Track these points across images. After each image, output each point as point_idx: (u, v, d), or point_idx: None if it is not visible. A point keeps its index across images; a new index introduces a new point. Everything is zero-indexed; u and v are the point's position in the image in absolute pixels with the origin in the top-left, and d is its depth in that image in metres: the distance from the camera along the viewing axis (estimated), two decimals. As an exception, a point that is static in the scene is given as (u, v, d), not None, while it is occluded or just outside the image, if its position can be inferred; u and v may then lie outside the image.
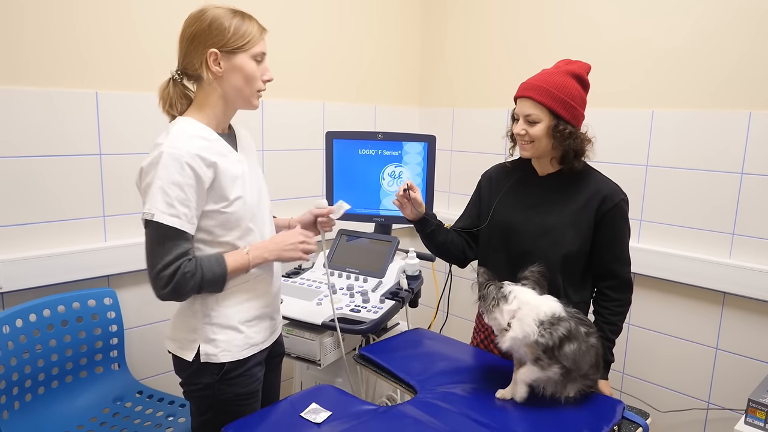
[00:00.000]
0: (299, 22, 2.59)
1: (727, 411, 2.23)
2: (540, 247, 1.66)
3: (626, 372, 2.52)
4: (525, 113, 1.63)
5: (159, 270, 1.30)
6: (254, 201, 1.47)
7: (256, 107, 1.47)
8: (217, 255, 1.39)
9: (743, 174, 2.10)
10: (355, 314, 1.93)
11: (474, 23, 2.94)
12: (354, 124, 2.88)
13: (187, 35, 1.37)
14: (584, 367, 1.43)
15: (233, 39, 1.35)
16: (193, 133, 1.35)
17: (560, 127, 1.60)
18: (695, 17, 2.17)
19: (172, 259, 1.30)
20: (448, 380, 1.58)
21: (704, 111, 2.18)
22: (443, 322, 2.61)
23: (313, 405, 1.43)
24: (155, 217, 1.28)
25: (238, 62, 1.38)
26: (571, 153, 1.64)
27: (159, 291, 1.32)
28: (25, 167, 1.89)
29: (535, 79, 1.64)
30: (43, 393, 1.91)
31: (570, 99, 1.60)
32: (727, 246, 2.17)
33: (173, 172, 1.29)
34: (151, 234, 1.31)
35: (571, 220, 1.66)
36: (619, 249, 1.69)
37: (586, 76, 1.67)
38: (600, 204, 1.65)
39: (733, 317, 2.19)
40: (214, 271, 1.36)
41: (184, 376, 1.49)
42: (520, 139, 1.67)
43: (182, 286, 1.31)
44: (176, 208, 1.29)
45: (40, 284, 1.92)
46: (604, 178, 1.71)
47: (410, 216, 1.78)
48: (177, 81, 1.42)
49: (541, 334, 1.38)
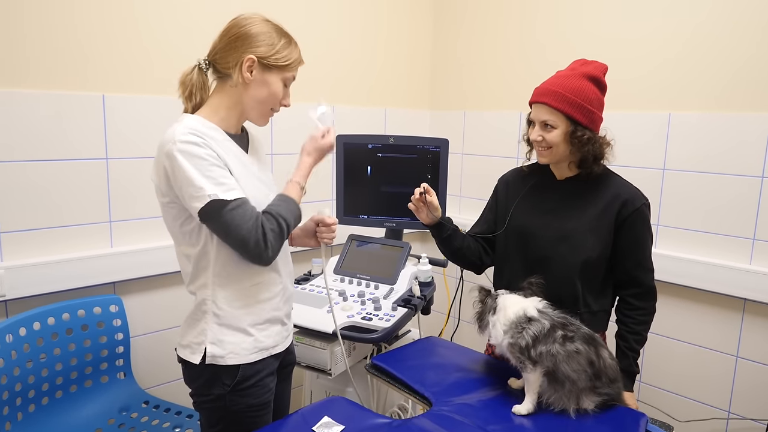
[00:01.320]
0: (310, 24, 2.56)
1: (749, 421, 2.17)
2: (559, 253, 1.62)
3: (643, 380, 2.46)
4: (541, 119, 1.58)
5: (254, 242, 1.30)
6: (264, 203, 1.43)
7: (264, 125, 1.48)
8: (280, 195, 1.42)
9: (764, 178, 2.05)
10: (366, 322, 1.88)
11: (486, 25, 2.90)
12: (364, 127, 2.85)
13: (232, 33, 1.37)
14: (575, 373, 1.38)
15: (275, 56, 1.38)
16: (201, 130, 1.33)
17: (578, 133, 1.55)
18: (714, 19, 2.12)
19: (251, 226, 1.30)
20: (464, 391, 1.53)
21: (722, 113, 2.12)
22: (455, 328, 2.56)
23: (325, 418, 1.38)
24: (218, 196, 1.26)
25: (269, 78, 1.39)
26: (590, 157, 1.59)
27: (266, 259, 1.35)
28: (28, 172, 1.85)
29: (550, 83, 1.59)
30: (47, 403, 1.87)
31: (587, 103, 1.55)
32: (747, 251, 2.11)
33: (199, 154, 1.28)
34: (220, 219, 1.29)
35: (590, 225, 1.61)
36: (641, 255, 1.63)
37: (603, 77, 1.62)
38: (620, 208, 1.60)
39: (754, 324, 2.13)
40: (290, 206, 1.40)
41: (195, 387, 1.45)
42: (537, 146, 1.62)
43: (277, 236, 1.34)
44: (223, 183, 1.29)
45: (44, 291, 1.88)
46: (624, 182, 1.66)
47: (426, 220, 1.74)
48: (203, 70, 1.40)
49: (511, 336, 1.41)
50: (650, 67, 2.30)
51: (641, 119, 2.33)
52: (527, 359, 1.40)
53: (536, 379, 1.42)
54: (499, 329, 1.45)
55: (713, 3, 2.12)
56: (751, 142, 2.06)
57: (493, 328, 1.47)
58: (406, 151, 2.30)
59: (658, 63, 2.27)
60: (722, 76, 2.12)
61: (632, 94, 2.36)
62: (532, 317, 1.42)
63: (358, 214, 2.38)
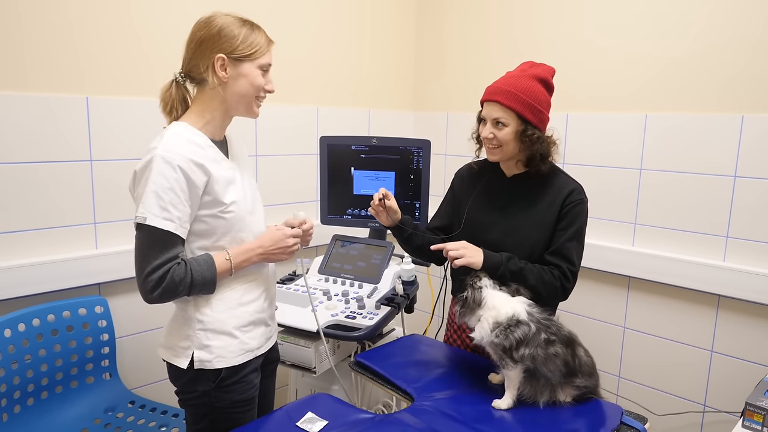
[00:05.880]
0: (293, 26, 2.58)
1: (723, 414, 2.23)
2: (506, 247, 1.67)
3: (622, 376, 2.51)
4: (493, 117, 1.64)
5: (148, 273, 1.29)
6: (248, 208, 1.46)
7: (257, 115, 1.48)
8: (206, 257, 1.38)
9: (736, 177, 2.11)
10: (350, 321, 1.91)
11: (469, 27, 2.94)
12: (348, 128, 2.87)
13: (195, 39, 1.38)
14: (551, 373, 1.44)
15: (241, 47, 1.37)
16: (187, 138, 1.36)
17: (528, 132, 1.62)
18: (688, 22, 2.18)
19: (161, 263, 1.29)
20: (445, 387, 1.57)
21: (697, 115, 2.18)
22: (438, 327, 2.59)
23: (309, 414, 1.41)
24: (147, 221, 1.28)
25: (244, 70, 1.39)
26: (538, 156, 1.66)
27: (147, 295, 1.31)
28: (12, 173, 1.85)
29: (502, 83, 1.65)
30: (32, 404, 1.87)
31: (537, 103, 1.61)
32: (721, 249, 2.18)
33: (167, 176, 1.29)
34: (143, 237, 1.30)
35: (536, 220, 1.68)
36: (575, 236, 1.65)
37: (551, 79, 1.69)
38: (564, 198, 1.67)
39: (728, 320, 2.19)
40: (204, 275, 1.36)
41: (180, 384, 1.47)
42: (488, 143, 1.68)
43: (171, 290, 1.31)
44: (169, 211, 1.29)
45: (29, 293, 1.88)
46: (569, 178, 1.74)
47: (386, 223, 1.81)
48: (180, 83, 1.42)
49: (497, 335, 1.44)
50: (627, 70, 2.35)
51: (619, 120, 2.39)
52: (509, 359, 1.44)
53: (516, 376, 1.46)
54: (485, 327, 1.47)
55: (686, 8, 2.18)
56: (725, 143, 2.12)
57: (479, 323, 1.49)
58: (389, 152, 2.33)
59: (635, 65, 2.33)
60: (697, 78, 2.18)
61: (610, 96, 2.41)
62: (521, 320, 1.45)
63: (342, 214, 2.41)
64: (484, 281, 1.54)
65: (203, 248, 1.40)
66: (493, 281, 1.55)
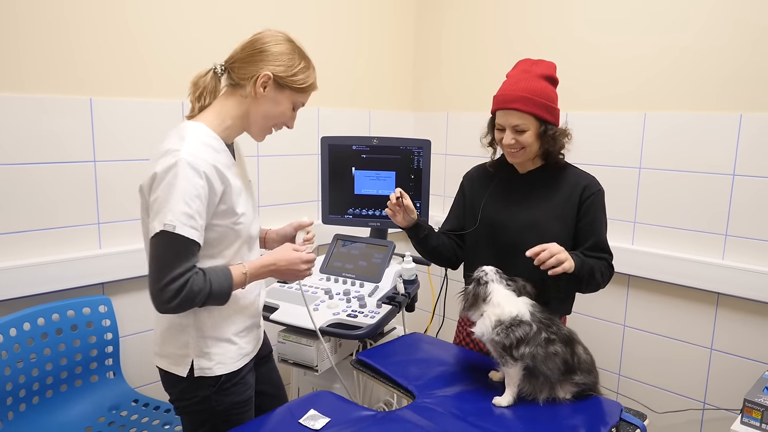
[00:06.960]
0: (292, 27, 2.58)
1: (723, 411, 2.24)
2: (527, 241, 1.65)
3: (622, 373, 2.53)
4: (512, 124, 1.64)
5: (167, 282, 1.24)
6: (252, 214, 1.47)
7: (262, 140, 1.49)
8: (223, 267, 1.36)
9: (735, 176, 2.12)
10: (352, 319, 1.93)
11: (467, 27, 2.95)
12: (349, 129, 2.89)
13: (256, 46, 1.38)
14: (550, 371, 1.46)
15: (292, 77, 1.40)
16: (206, 141, 1.33)
17: (549, 132, 1.65)
18: (686, 21, 2.19)
19: (182, 272, 1.25)
20: (446, 384, 1.59)
21: (696, 113, 2.20)
22: (439, 325, 2.61)
23: (311, 411, 1.42)
24: (177, 229, 1.23)
25: (281, 97, 1.41)
26: (556, 150, 1.70)
27: (163, 305, 1.26)
28: (17, 175, 1.87)
29: (513, 89, 1.64)
30: (37, 402, 1.89)
31: (550, 102, 1.65)
32: (720, 247, 2.19)
33: (194, 183, 1.25)
34: (164, 245, 1.25)
35: (556, 212, 1.70)
36: (604, 226, 1.73)
37: (555, 73, 1.72)
38: (582, 192, 1.70)
39: (727, 318, 2.20)
40: (222, 285, 1.33)
41: (177, 392, 1.46)
42: (510, 148, 1.69)
43: (189, 300, 1.27)
44: (195, 219, 1.26)
45: (33, 293, 1.90)
46: (581, 171, 1.77)
47: (402, 223, 1.81)
48: (217, 74, 1.41)
49: (498, 333, 1.46)
50: (626, 69, 2.37)
51: (618, 119, 2.40)
52: (509, 356, 1.46)
53: (517, 373, 1.47)
54: (487, 323, 1.48)
55: (684, 7, 2.19)
56: (724, 142, 2.13)
57: (481, 319, 1.51)
58: (389, 152, 2.35)
59: (634, 64, 2.34)
60: (696, 77, 2.19)
61: (609, 96, 2.43)
62: (524, 321, 1.47)
63: (343, 214, 2.42)
64: (491, 275, 1.55)
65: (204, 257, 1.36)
66: (500, 276, 1.56)
